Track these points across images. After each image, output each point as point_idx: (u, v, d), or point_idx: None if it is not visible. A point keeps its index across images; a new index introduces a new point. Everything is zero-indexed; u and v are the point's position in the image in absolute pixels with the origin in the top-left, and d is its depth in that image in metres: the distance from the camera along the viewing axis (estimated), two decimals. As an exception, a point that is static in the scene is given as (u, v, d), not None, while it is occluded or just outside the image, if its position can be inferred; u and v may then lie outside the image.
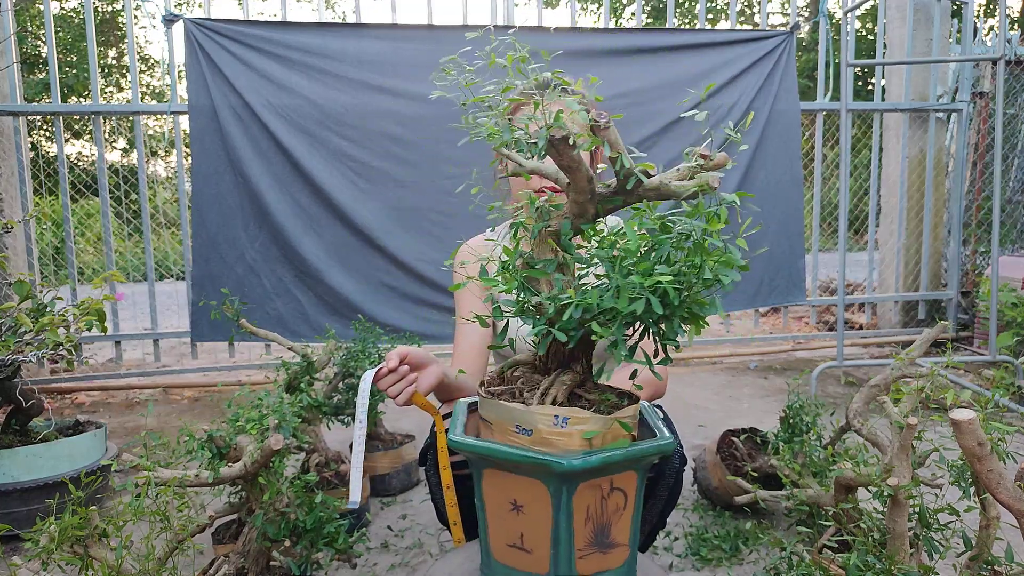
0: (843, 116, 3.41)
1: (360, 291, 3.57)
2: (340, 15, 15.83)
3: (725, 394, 3.50)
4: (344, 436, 2.60)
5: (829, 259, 5.18)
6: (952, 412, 0.82)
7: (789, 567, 1.28)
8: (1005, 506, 0.86)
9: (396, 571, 1.76)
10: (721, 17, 14.22)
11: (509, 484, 0.85)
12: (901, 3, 4.33)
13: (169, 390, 3.77)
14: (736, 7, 4.11)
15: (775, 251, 3.94)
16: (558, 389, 0.86)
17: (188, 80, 3.38)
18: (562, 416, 0.81)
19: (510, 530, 0.87)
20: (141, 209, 3.77)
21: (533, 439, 0.82)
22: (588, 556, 0.84)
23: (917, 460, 1.21)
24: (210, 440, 1.30)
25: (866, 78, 12.75)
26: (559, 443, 0.81)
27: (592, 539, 0.84)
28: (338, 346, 2.16)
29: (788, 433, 1.82)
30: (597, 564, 0.85)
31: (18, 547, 1.85)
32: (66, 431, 2.12)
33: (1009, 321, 3.56)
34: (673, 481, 1.33)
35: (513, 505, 0.86)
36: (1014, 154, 4.47)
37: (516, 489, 0.85)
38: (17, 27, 3.75)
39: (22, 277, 1.86)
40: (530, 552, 0.85)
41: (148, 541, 1.18)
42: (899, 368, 1.40)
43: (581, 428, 0.81)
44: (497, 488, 0.87)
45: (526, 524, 0.85)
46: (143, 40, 19.92)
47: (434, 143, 3.48)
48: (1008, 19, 10.19)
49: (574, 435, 0.81)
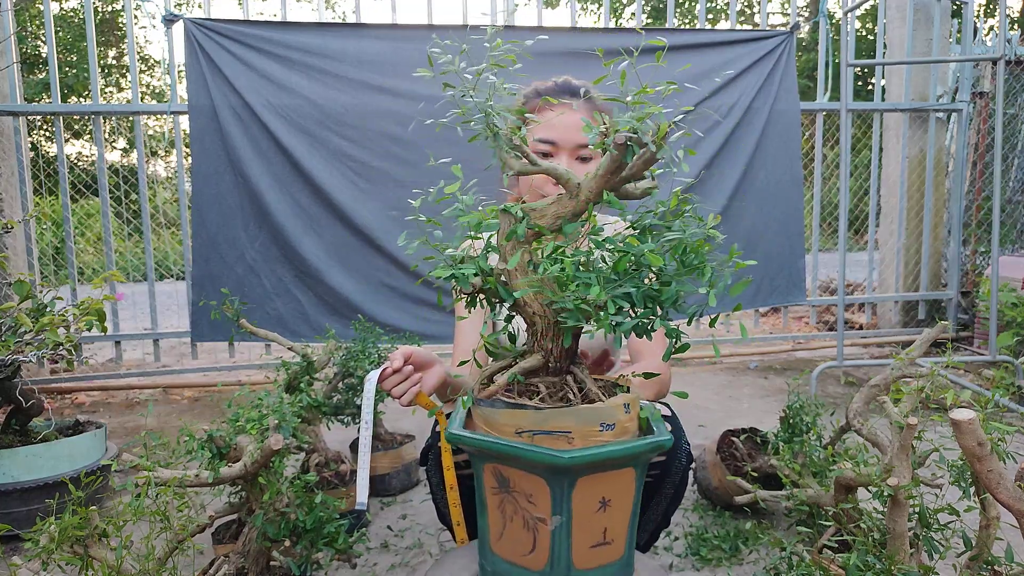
0: (843, 116, 3.41)
1: (360, 291, 3.57)
2: (340, 15, 15.84)
3: (725, 394, 3.50)
4: (344, 436, 2.60)
5: (829, 259, 5.18)
6: (952, 412, 0.82)
7: (789, 567, 1.28)
8: (1005, 506, 0.86)
9: (396, 571, 1.76)
10: (721, 17, 14.22)
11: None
12: (901, 3, 4.33)
13: (169, 390, 3.77)
14: (736, 7, 4.11)
15: (775, 251, 3.94)
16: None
17: (188, 80, 3.38)
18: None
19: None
20: (141, 209, 3.77)
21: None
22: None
23: (917, 460, 1.21)
24: (210, 440, 1.30)
25: (866, 78, 12.76)
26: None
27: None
28: (338, 346, 2.16)
29: (788, 433, 1.82)
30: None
31: (18, 547, 1.85)
32: (66, 431, 2.12)
33: (1009, 321, 3.56)
34: (679, 479, 1.33)
35: None
36: (1014, 154, 4.47)
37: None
38: (17, 27, 3.75)
39: (22, 277, 1.85)
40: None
41: (148, 541, 1.18)
42: (899, 368, 1.40)
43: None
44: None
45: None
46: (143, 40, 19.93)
47: (434, 142, 3.48)
48: (1008, 19, 10.19)
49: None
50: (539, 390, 0.88)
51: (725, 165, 3.80)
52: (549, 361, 0.90)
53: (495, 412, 0.85)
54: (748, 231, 3.87)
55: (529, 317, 0.88)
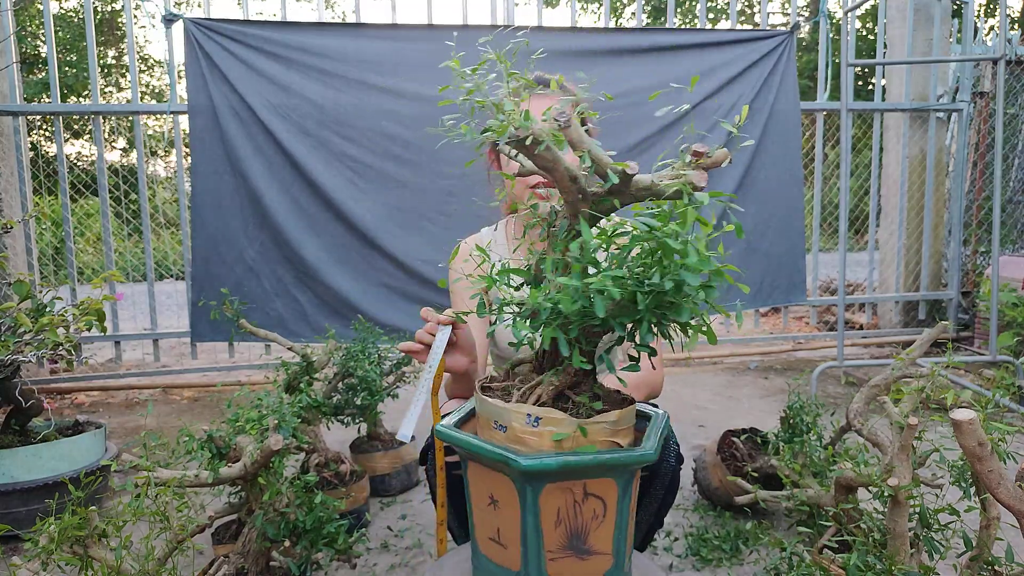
0: (843, 116, 3.41)
1: (360, 291, 3.57)
2: (340, 15, 15.84)
3: (725, 394, 3.50)
4: (344, 436, 2.60)
5: (829, 259, 5.18)
6: (952, 412, 0.82)
7: (789, 567, 1.28)
8: (1005, 506, 0.86)
9: (396, 571, 1.76)
10: (721, 17, 14.22)
11: (487, 478, 0.86)
12: (901, 3, 4.33)
13: (169, 390, 3.77)
14: (736, 7, 4.11)
15: (775, 251, 3.94)
16: (544, 389, 0.85)
17: (188, 80, 3.38)
18: (534, 415, 0.81)
19: (489, 524, 0.88)
20: (141, 209, 3.77)
21: (507, 436, 0.83)
22: (562, 560, 0.84)
23: (917, 460, 1.21)
24: (210, 440, 1.30)
25: (866, 78, 12.75)
26: (531, 442, 0.81)
27: (565, 543, 0.83)
28: (338, 346, 2.16)
29: (788, 433, 1.82)
30: (574, 570, 0.84)
31: (18, 547, 1.85)
32: (66, 431, 2.12)
33: (1009, 321, 3.56)
34: (669, 480, 1.32)
35: (491, 499, 0.87)
36: (1014, 154, 4.47)
37: (492, 484, 0.85)
38: (17, 27, 3.74)
39: (22, 277, 1.85)
40: (505, 547, 0.86)
41: (148, 541, 1.18)
42: (899, 368, 1.40)
43: (551, 429, 0.81)
44: (477, 481, 0.89)
45: (501, 519, 0.86)
46: (143, 40, 19.93)
47: (434, 143, 3.48)
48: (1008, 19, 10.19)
49: (544, 435, 0.81)
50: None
51: (725, 165, 3.80)
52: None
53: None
54: (748, 231, 3.87)
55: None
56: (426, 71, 3.48)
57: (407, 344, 1.10)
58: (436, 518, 1.17)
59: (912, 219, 4.51)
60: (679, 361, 4.24)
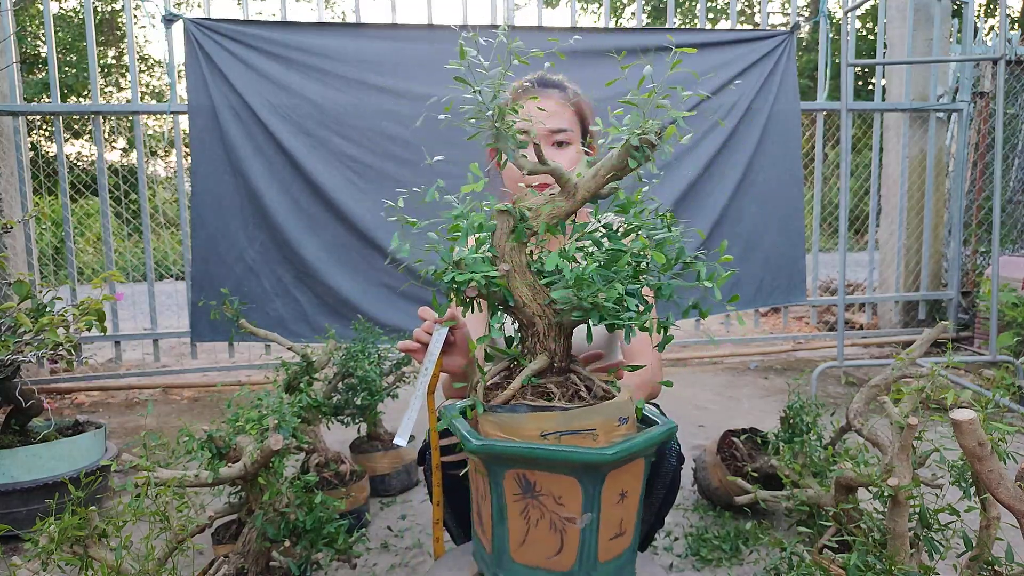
0: (843, 116, 3.41)
1: (360, 291, 3.56)
2: (340, 15, 15.84)
3: (725, 394, 3.50)
4: (344, 436, 2.60)
5: (829, 259, 5.18)
6: (952, 412, 0.82)
7: (789, 567, 1.28)
8: (1005, 506, 0.86)
9: (396, 571, 1.76)
10: (721, 17, 14.22)
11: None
12: (901, 3, 4.33)
13: (169, 390, 3.77)
14: (736, 7, 4.11)
15: (775, 251, 3.94)
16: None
17: (188, 80, 3.38)
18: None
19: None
20: (141, 209, 3.77)
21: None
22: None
23: (917, 460, 1.21)
24: (210, 440, 1.30)
25: (866, 78, 12.76)
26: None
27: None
28: (338, 346, 2.16)
29: (788, 433, 1.82)
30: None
31: (18, 547, 1.85)
32: (66, 431, 2.12)
33: (1009, 321, 3.56)
34: (670, 480, 1.33)
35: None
36: (1014, 154, 4.47)
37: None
38: (17, 27, 3.74)
39: (22, 277, 1.85)
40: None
41: (148, 541, 1.18)
42: (899, 368, 1.40)
43: None
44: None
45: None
46: (143, 40, 19.93)
47: (434, 143, 3.48)
48: (1008, 19, 10.19)
49: None
50: (550, 391, 0.88)
51: (725, 165, 3.80)
52: (554, 361, 0.90)
53: (517, 417, 0.84)
54: (748, 231, 3.87)
55: (528, 319, 0.88)
56: (426, 71, 3.48)
57: (405, 343, 1.10)
58: (432, 517, 1.16)
59: (912, 219, 4.51)
60: (679, 361, 4.24)
